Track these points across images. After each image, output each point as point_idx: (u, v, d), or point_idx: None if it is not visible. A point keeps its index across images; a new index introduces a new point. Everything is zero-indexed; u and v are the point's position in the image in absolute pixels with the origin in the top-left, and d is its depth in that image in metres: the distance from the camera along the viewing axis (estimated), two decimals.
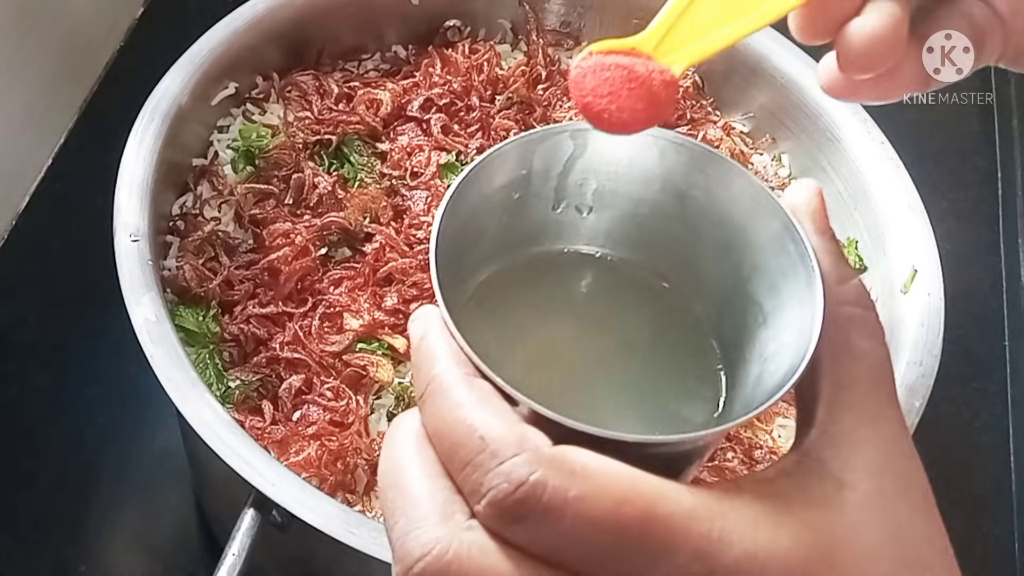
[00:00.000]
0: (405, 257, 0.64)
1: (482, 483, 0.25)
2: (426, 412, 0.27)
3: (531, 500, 0.25)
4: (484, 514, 0.25)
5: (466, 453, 0.26)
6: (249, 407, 0.59)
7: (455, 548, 0.25)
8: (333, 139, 0.69)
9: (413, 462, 0.27)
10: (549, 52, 0.76)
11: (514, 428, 0.26)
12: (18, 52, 0.81)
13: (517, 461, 0.25)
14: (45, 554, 0.69)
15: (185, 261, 0.62)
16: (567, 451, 0.25)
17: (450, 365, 0.28)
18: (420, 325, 0.29)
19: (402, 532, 0.26)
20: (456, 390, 0.27)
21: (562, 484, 0.25)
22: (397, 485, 0.27)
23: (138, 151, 0.61)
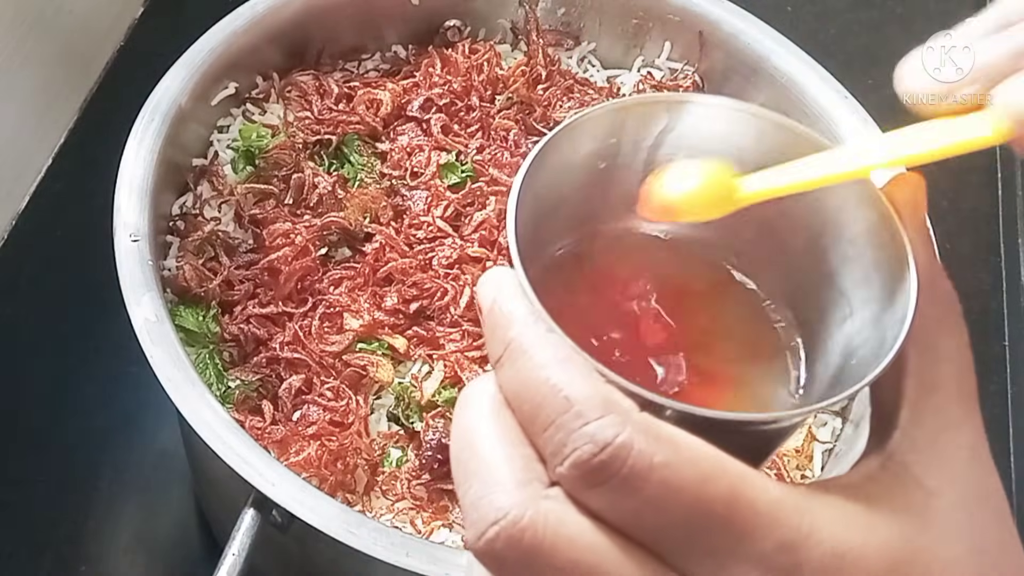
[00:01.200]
0: (405, 257, 0.64)
1: (566, 444, 0.24)
2: (504, 374, 0.27)
3: (616, 462, 0.24)
4: (565, 476, 0.24)
5: (549, 414, 0.25)
6: (249, 407, 0.59)
7: (531, 514, 0.24)
8: (333, 139, 0.69)
9: (489, 427, 0.26)
10: (549, 52, 0.76)
11: (600, 389, 0.25)
12: (18, 52, 0.81)
13: (603, 423, 0.24)
14: (45, 554, 0.69)
15: (185, 261, 0.62)
16: (653, 418, 0.25)
17: (529, 326, 0.27)
18: (492, 287, 0.28)
19: (476, 497, 0.25)
20: (538, 351, 0.26)
21: (648, 449, 0.24)
22: (472, 450, 0.26)
23: (138, 151, 0.61)
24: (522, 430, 0.26)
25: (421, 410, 0.59)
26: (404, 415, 0.60)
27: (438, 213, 0.66)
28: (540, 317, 0.27)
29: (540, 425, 0.25)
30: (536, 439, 0.25)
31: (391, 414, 0.60)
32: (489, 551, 0.25)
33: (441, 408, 0.59)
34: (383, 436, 0.59)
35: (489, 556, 0.25)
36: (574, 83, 0.76)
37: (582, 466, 0.24)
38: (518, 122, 0.72)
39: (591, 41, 0.79)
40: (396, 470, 0.58)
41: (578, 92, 0.75)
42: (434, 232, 0.65)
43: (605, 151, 0.32)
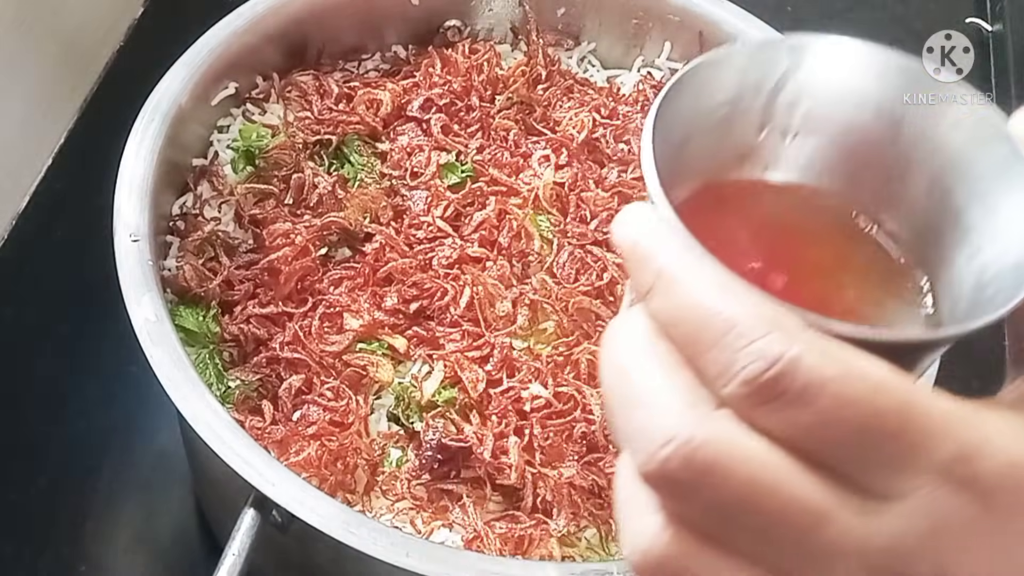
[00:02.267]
0: (405, 257, 0.64)
1: (733, 362, 0.24)
2: (657, 303, 0.26)
3: (787, 376, 0.23)
4: (734, 395, 0.24)
5: (712, 334, 0.24)
6: (249, 407, 0.59)
7: (703, 434, 0.24)
8: (333, 139, 0.69)
9: (645, 357, 0.26)
10: (549, 52, 0.76)
11: (764, 308, 0.24)
12: (18, 52, 0.81)
13: (771, 339, 0.24)
14: (45, 554, 0.69)
15: (185, 261, 0.62)
16: (820, 334, 0.24)
17: (680, 253, 0.26)
18: (633, 222, 0.28)
19: (641, 423, 0.25)
20: (692, 276, 0.26)
21: (819, 362, 0.24)
22: (630, 380, 0.26)
23: (138, 151, 0.61)
24: (681, 356, 0.26)
25: (421, 410, 0.59)
26: (404, 415, 0.60)
27: (438, 213, 0.66)
28: (690, 245, 0.26)
29: (703, 347, 0.25)
30: (699, 361, 0.25)
31: (391, 414, 0.60)
32: (662, 473, 0.24)
33: (441, 408, 0.59)
34: (383, 436, 0.59)
35: (662, 478, 0.25)
36: (574, 83, 0.76)
37: (752, 383, 0.24)
38: (518, 122, 0.72)
39: (591, 41, 0.79)
40: (396, 470, 0.58)
41: (578, 92, 0.75)
42: (434, 232, 0.65)
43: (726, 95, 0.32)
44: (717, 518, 0.25)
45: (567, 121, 0.72)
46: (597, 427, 0.59)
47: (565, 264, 0.65)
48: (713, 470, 0.24)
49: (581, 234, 0.66)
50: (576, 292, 0.63)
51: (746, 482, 0.24)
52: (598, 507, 0.58)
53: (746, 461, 0.24)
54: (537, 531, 0.56)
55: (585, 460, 0.58)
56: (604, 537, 0.57)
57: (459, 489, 0.58)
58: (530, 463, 0.58)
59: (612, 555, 0.57)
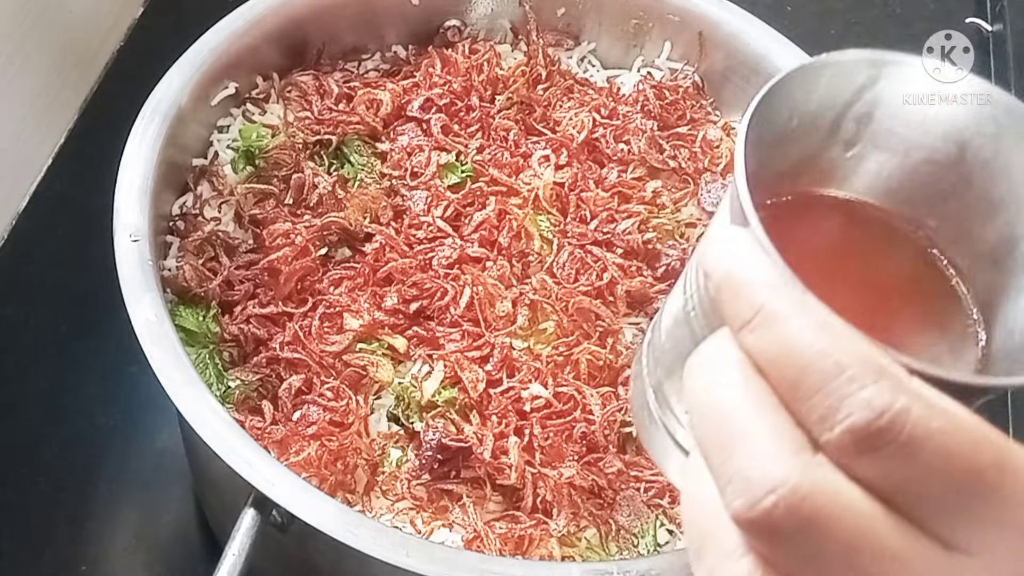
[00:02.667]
0: (405, 257, 0.64)
1: (839, 409, 0.24)
2: (758, 340, 0.26)
3: (895, 428, 0.23)
4: (837, 443, 0.24)
5: (818, 379, 0.24)
6: (249, 407, 0.59)
7: (809, 483, 0.24)
8: (333, 139, 0.69)
9: (743, 395, 0.26)
10: (549, 52, 0.76)
11: (871, 355, 0.24)
12: (19, 51, 0.81)
13: (880, 387, 0.24)
14: (45, 554, 0.69)
15: (185, 261, 0.62)
16: (925, 384, 0.24)
17: (780, 289, 0.26)
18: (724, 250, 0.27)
19: (743, 467, 0.25)
20: (797, 314, 0.25)
21: (925, 415, 0.23)
22: (729, 419, 0.26)
23: (138, 151, 0.61)
24: (778, 397, 0.25)
25: (421, 410, 0.59)
26: (404, 415, 0.60)
27: (438, 213, 0.66)
28: (789, 280, 0.26)
29: (807, 391, 0.24)
30: (800, 405, 0.25)
31: (391, 414, 0.60)
32: (766, 520, 0.24)
33: (441, 408, 0.59)
34: (383, 436, 0.59)
35: (765, 526, 0.24)
36: (574, 83, 0.76)
37: (858, 432, 0.24)
38: (518, 122, 0.72)
39: (591, 41, 0.79)
40: (396, 470, 0.58)
41: (578, 92, 0.75)
42: (434, 232, 0.65)
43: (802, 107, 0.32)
44: (811, 567, 0.25)
45: (567, 121, 0.72)
46: (597, 427, 0.59)
47: (565, 264, 0.65)
48: (816, 519, 0.24)
49: (581, 234, 0.66)
50: (576, 292, 0.63)
51: (846, 531, 0.24)
52: (598, 507, 0.58)
53: (846, 512, 0.24)
54: (537, 531, 0.56)
55: (585, 460, 0.58)
56: (604, 537, 0.57)
57: (459, 489, 0.58)
58: (530, 463, 0.58)
59: (612, 555, 0.57)
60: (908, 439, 0.23)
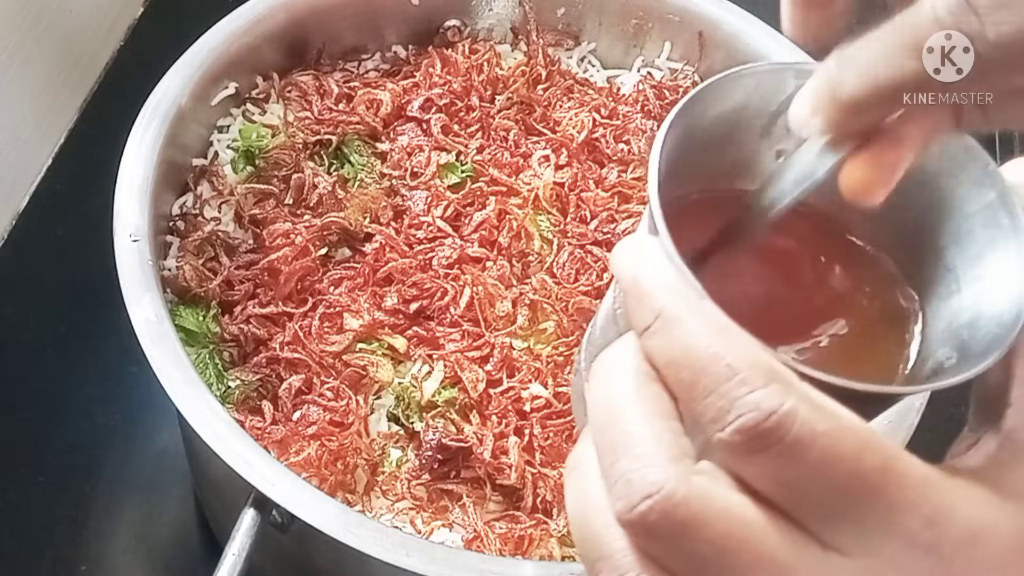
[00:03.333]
0: (405, 257, 0.64)
1: (729, 410, 0.25)
2: (656, 343, 0.27)
3: (781, 429, 0.24)
4: (727, 442, 0.25)
5: (710, 381, 0.25)
6: (249, 407, 0.59)
7: (684, 489, 0.25)
8: (333, 139, 0.69)
9: (635, 401, 0.27)
10: (549, 52, 0.76)
11: (762, 358, 0.25)
12: (18, 51, 0.81)
13: (769, 391, 0.24)
14: (45, 554, 0.69)
15: (185, 261, 0.62)
16: (813, 388, 0.25)
17: (681, 294, 0.26)
18: (634, 256, 0.28)
19: (625, 470, 0.26)
20: (694, 319, 0.26)
21: (812, 417, 0.24)
22: (618, 424, 0.26)
23: (138, 151, 0.61)
24: (670, 402, 0.27)
25: (421, 410, 0.59)
26: (404, 415, 0.60)
27: (438, 213, 0.66)
28: (690, 285, 0.27)
29: (700, 392, 0.25)
30: (693, 405, 0.26)
31: (391, 414, 0.60)
32: (641, 523, 0.25)
33: (441, 408, 0.59)
34: (383, 436, 0.59)
35: (640, 528, 0.25)
36: (574, 83, 0.76)
37: (747, 432, 0.24)
38: (518, 122, 0.72)
39: (591, 41, 0.79)
40: (396, 470, 0.58)
41: (578, 92, 0.75)
42: (434, 232, 0.65)
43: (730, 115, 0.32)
44: (692, 567, 0.25)
45: (567, 121, 0.72)
46: None
47: (565, 264, 0.65)
48: (690, 524, 0.25)
49: (581, 234, 0.66)
50: (576, 292, 0.63)
51: (721, 536, 0.25)
52: None
53: (722, 517, 0.25)
54: (537, 531, 0.56)
55: None
56: None
57: (459, 489, 0.58)
58: (530, 463, 0.58)
59: None
60: (794, 440, 0.24)
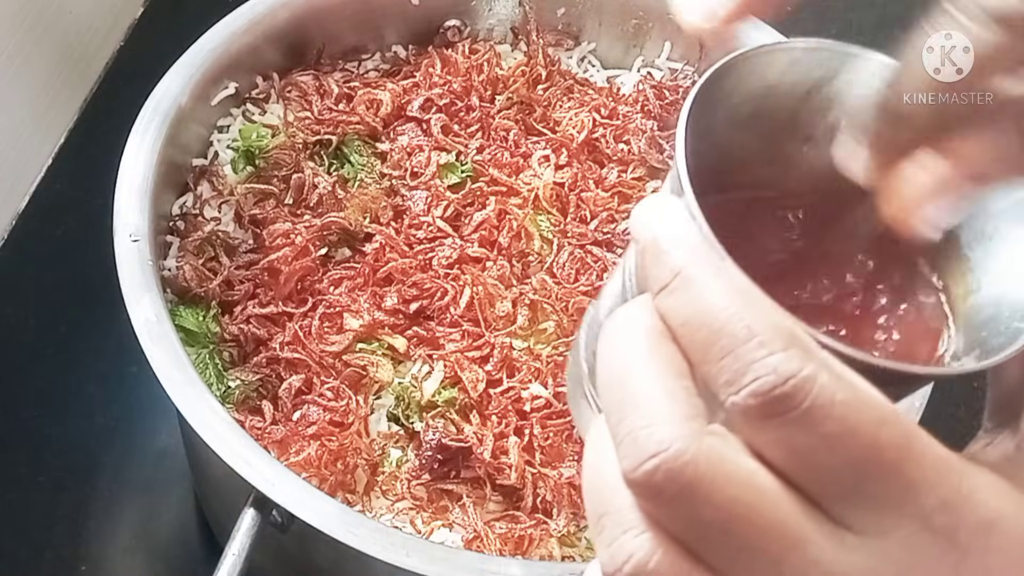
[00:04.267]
0: (405, 257, 0.64)
1: (745, 372, 0.24)
2: (673, 301, 0.26)
3: (799, 395, 0.23)
4: (741, 406, 0.24)
5: (728, 342, 0.24)
6: (249, 407, 0.59)
7: (695, 449, 0.24)
8: (333, 139, 0.69)
9: (647, 357, 0.26)
10: (549, 52, 0.76)
11: (784, 322, 0.24)
12: (18, 51, 0.81)
13: (789, 354, 0.23)
14: (45, 554, 0.69)
15: (185, 261, 0.62)
16: (834, 359, 0.24)
17: (703, 254, 0.26)
18: (655, 214, 0.27)
19: (634, 427, 0.25)
20: (714, 279, 0.25)
21: (831, 385, 0.23)
22: (628, 381, 0.26)
23: (138, 151, 0.61)
24: (684, 362, 0.26)
25: (421, 410, 0.59)
26: (404, 415, 0.60)
27: (438, 213, 0.66)
28: (713, 246, 0.26)
29: (716, 353, 0.24)
30: (709, 367, 0.25)
31: (391, 414, 0.60)
32: (647, 482, 0.24)
33: (441, 408, 0.59)
34: (383, 436, 0.59)
35: (645, 487, 0.24)
36: (574, 83, 0.76)
37: (763, 395, 0.23)
38: (518, 122, 0.72)
39: (591, 41, 0.79)
40: (396, 470, 0.58)
41: (578, 92, 0.75)
42: (434, 232, 0.65)
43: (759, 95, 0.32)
44: (696, 532, 0.25)
45: (567, 121, 0.72)
46: None
47: (565, 264, 0.65)
48: (697, 486, 0.24)
49: (581, 234, 0.66)
50: (576, 292, 0.63)
51: (728, 501, 0.24)
52: None
53: (731, 480, 0.24)
54: (537, 531, 0.56)
55: None
56: None
57: (459, 489, 0.58)
58: (530, 463, 0.58)
59: None
60: (811, 407, 0.23)
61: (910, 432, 0.24)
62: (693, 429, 0.24)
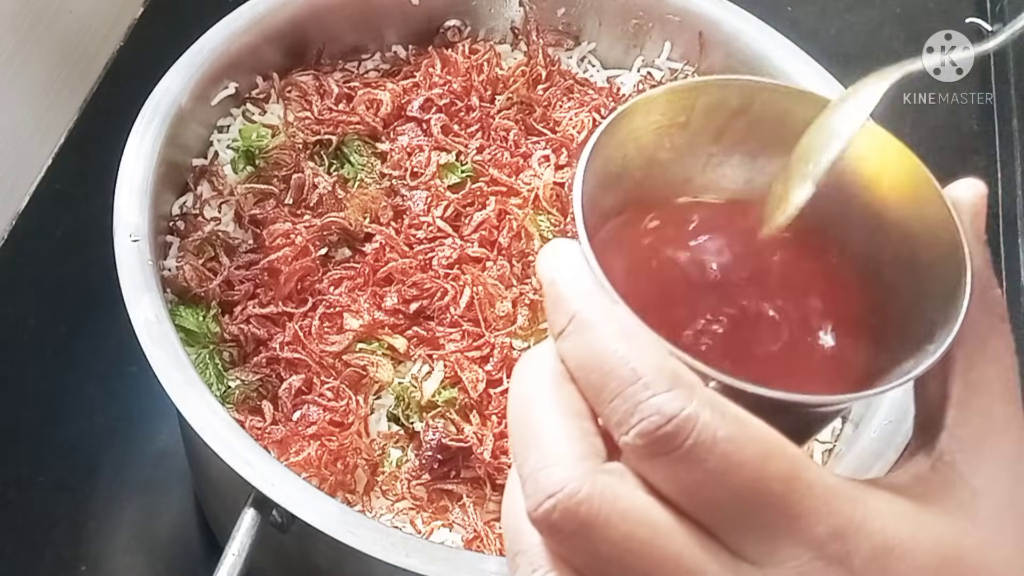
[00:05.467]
0: (405, 257, 0.64)
1: (632, 414, 0.25)
2: (569, 346, 0.27)
3: (681, 434, 0.24)
4: (630, 445, 0.25)
5: (617, 384, 0.25)
6: (249, 407, 0.59)
7: (588, 488, 0.25)
8: (333, 139, 0.69)
9: (548, 400, 0.27)
10: (549, 52, 0.76)
11: (667, 363, 0.25)
12: (18, 51, 0.81)
13: (670, 395, 0.25)
14: (45, 554, 0.69)
15: (185, 261, 0.62)
16: (717, 394, 0.25)
17: (594, 298, 0.27)
18: (554, 259, 0.28)
19: (534, 469, 0.26)
20: (605, 323, 0.26)
21: (713, 422, 0.24)
22: (530, 422, 0.27)
23: (138, 151, 0.61)
24: (584, 402, 0.27)
25: (421, 410, 0.59)
26: (404, 415, 0.60)
27: (438, 213, 0.66)
28: (604, 290, 0.27)
29: (607, 396, 0.26)
30: (601, 408, 0.26)
31: (391, 414, 0.60)
32: (545, 521, 0.25)
33: (441, 408, 0.59)
34: (383, 436, 0.59)
35: (545, 525, 0.25)
36: (574, 83, 0.76)
37: (647, 436, 0.25)
38: (518, 122, 0.72)
39: (591, 41, 0.79)
40: (396, 470, 0.58)
41: (578, 92, 0.75)
42: (434, 232, 0.65)
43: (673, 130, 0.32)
44: (597, 568, 0.26)
45: (567, 121, 0.72)
46: None
47: None
48: (593, 523, 0.25)
49: None
50: None
51: (624, 536, 0.25)
52: None
53: (625, 516, 0.25)
54: None
55: None
56: None
57: (459, 489, 0.58)
58: None
59: None
60: (694, 444, 0.24)
61: (797, 464, 0.25)
62: (588, 468, 0.25)
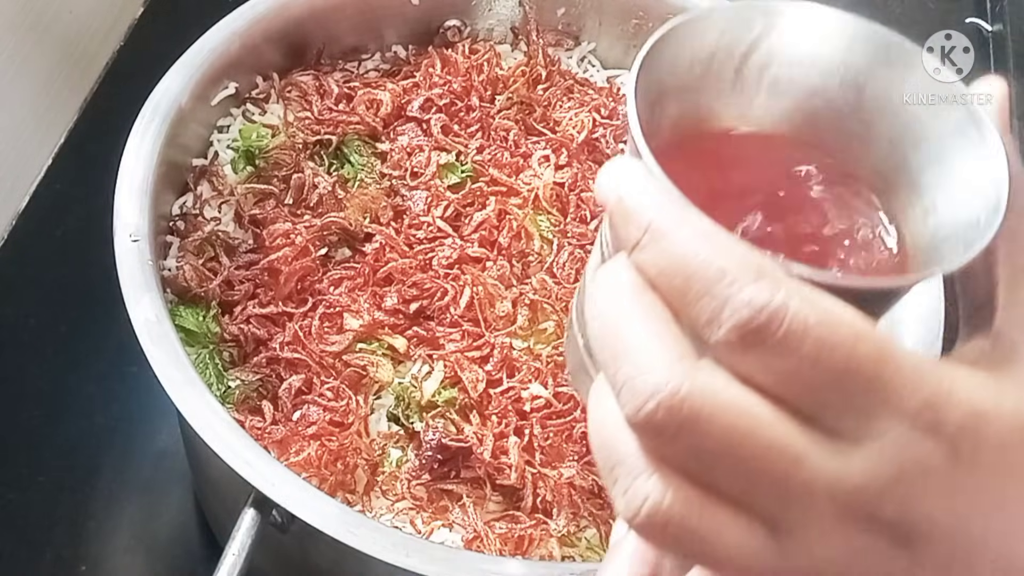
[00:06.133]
0: (405, 257, 0.64)
1: (723, 310, 0.25)
2: (648, 256, 0.27)
3: (774, 323, 0.25)
4: (723, 341, 0.25)
5: (703, 284, 0.26)
6: (249, 407, 0.59)
7: (688, 386, 0.25)
8: (333, 139, 0.69)
9: (633, 310, 0.27)
10: (549, 52, 0.76)
11: (751, 257, 0.26)
12: (18, 51, 0.81)
13: (760, 286, 0.25)
14: (45, 554, 0.69)
15: (185, 261, 0.62)
16: (803, 283, 0.26)
17: (667, 207, 0.27)
18: (616, 176, 0.29)
19: (628, 376, 0.26)
20: (681, 228, 0.27)
21: (803, 310, 0.25)
22: (619, 333, 0.27)
23: (138, 151, 0.61)
24: (668, 306, 0.27)
25: (421, 410, 0.59)
26: (404, 415, 0.60)
27: (438, 213, 0.66)
28: (674, 198, 0.27)
29: (694, 296, 0.26)
30: (689, 310, 0.26)
31: (391, 414, 0.60)
32: (649, 423, 0.26)
33: (441, 408, 0.59)
34: (383, 436, 0.59)
35: (648, 427, 0.26)
36: (574, 83, 0.76)
37: (741, 328, 0.25)
38: (518, 122, 0.72)
39: (591, 41, 0.79)
40: (396, 470, 0.58)
41: (578, 92, 0.75)
42: (434, 232, 0.65)
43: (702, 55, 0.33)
44: (702, 464, 0.26)
45: (567, 121, 0.73)
46: None
47: (565, 264, 0.65)
48: (697, 419, 0.25)
49: (581, 234, 0.66)
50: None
51: (727, 428, 0.25)
52: (598, 507, 0.58)
53: (727, 409, 0.25)
54: (537, 531, 0.56)
55: (585, 460, 0.58)
56: (604, 537, 0.57)
57: (459, 489, 0.58)
58: (530, 463, 0.58)
59: None
60: (787, 333, 0.25)
61: (885, 344, 0.25)
62: (685, 367, 0.26)
